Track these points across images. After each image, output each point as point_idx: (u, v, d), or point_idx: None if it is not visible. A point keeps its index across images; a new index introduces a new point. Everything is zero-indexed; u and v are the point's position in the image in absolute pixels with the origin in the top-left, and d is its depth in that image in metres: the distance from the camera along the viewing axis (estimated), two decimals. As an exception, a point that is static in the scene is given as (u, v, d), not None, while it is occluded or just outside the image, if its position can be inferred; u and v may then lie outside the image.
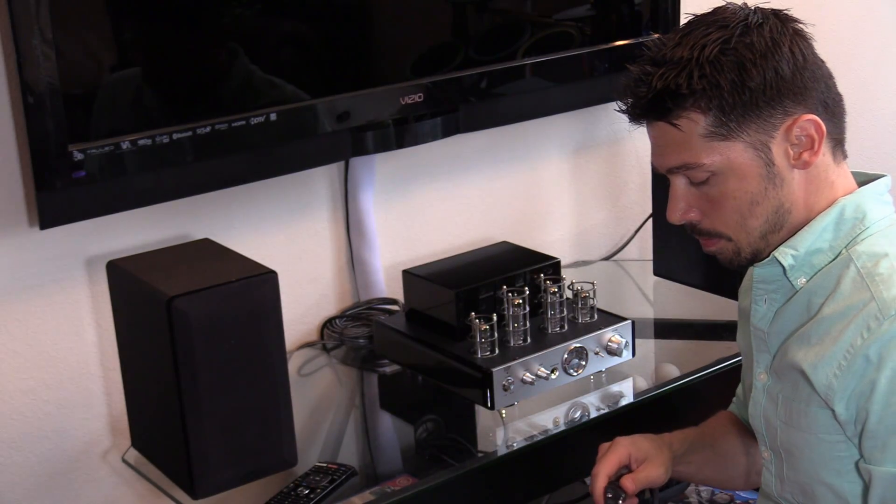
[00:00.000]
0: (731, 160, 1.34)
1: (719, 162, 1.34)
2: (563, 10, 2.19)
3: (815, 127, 1.34)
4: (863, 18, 2.77)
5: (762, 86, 1.31)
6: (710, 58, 1.31)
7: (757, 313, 1.45)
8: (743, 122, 1.32)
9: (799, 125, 1.33)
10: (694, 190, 1.38)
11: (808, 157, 1.35)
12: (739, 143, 1.33)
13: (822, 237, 1.37)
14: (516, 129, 2.23)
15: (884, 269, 1.32)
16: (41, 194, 1.62)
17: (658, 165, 1.40)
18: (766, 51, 1.31)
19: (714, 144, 1.33)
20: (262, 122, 1.78)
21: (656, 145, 1.39)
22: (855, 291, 1.32)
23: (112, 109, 1.68)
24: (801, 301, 1.39)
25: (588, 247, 2.45)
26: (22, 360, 1.78)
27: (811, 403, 1.37)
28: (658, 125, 1.36)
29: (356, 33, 1.94)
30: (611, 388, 1.82)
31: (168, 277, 1.51)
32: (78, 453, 1.85)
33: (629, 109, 1.37)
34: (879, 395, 1.28)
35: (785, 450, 1.44)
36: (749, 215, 1.36)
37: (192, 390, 1.46)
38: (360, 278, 2.11)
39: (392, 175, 2.13)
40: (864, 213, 1.37)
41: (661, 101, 1.33)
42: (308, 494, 1.55)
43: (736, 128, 1.32)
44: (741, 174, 1.34)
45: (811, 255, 1.38)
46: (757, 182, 1.35)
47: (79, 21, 1.63)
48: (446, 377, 1.77)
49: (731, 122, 1.32)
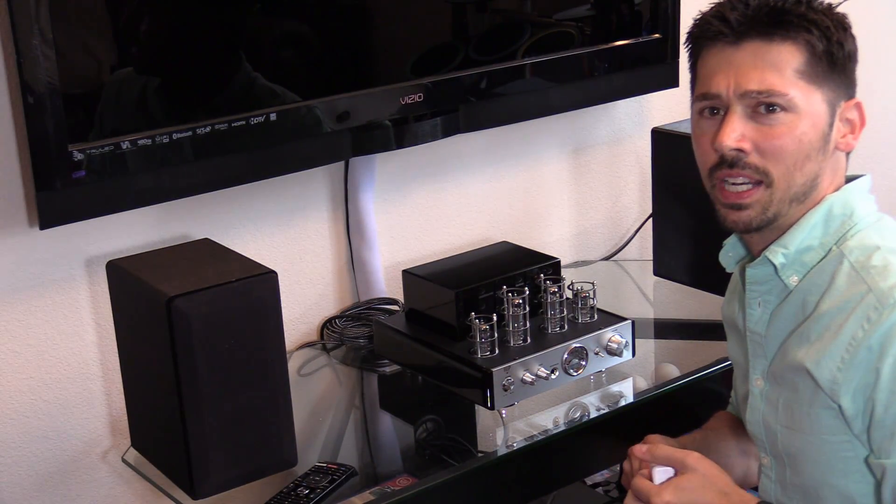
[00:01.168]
0: (809, 103, 1.35)
1: (801, 99, 1.35)
2: (563, 10, 2.19)
3: (860, 115, 1.40)
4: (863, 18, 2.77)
5: (850, 54, 1.37)
6: (828, 4, 1.37)
7: (752, 317, 1.45)
8: (827, 77, 1.36)
9: (853, 106, 1.39)
10: (752, 125, 1.36)
11: (850, 140, 1.39)
12: (819, 93, 1.36)
13: (811, 234, 1.38)
14: (516, 129, 2.23)
15: (877, 260, 1.33)
16: (41, 194, 1.62)
17: (733, 87, 1.36)
18: (852, 30, 1.39)
19: (801, 83, 1.35)
20: (262, 122, 1.78)
21: (741, 65, 1.36)
22: (851, 285, 1.33)
23: (112, 109, 1.68)
24: (795, 301, 1.40)
25: (588, 247, 2.45)
26: (22, 360, 1.78)
27: (814, 405, 1.36)
28: (754, 45, 1.35)
29: (356, 33, 1.94)
30: (611, 388, 1.82)
31: (168, 277, 1.51)
32: (78, 453, 1.85)
33: (732, 19, 1.35)
34: (884, 383, 1.29)
35: (787, 454, 1.44)
36: (799, 166, 1.36)
37: (192, 390, 1.46)
38: (360, 278, 2.11)
39: (392, 175, 2.13)
40: (851, 209, 1.39)
41: (780, 17, 1.34)
42: (308, 494, 1.55)
43: (822, 78, 1.35)
44: (812, 121, 1.35)
45: (802, 252, 1.38)
46: (818, 137, 1.36)
47: (79, 21, 1.63)
48: (446, 377, 1.77)
49: (820, 72, 1.35)
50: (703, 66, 1.40)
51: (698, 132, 1.42)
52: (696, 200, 2.06)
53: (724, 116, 1.37)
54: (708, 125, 1.39)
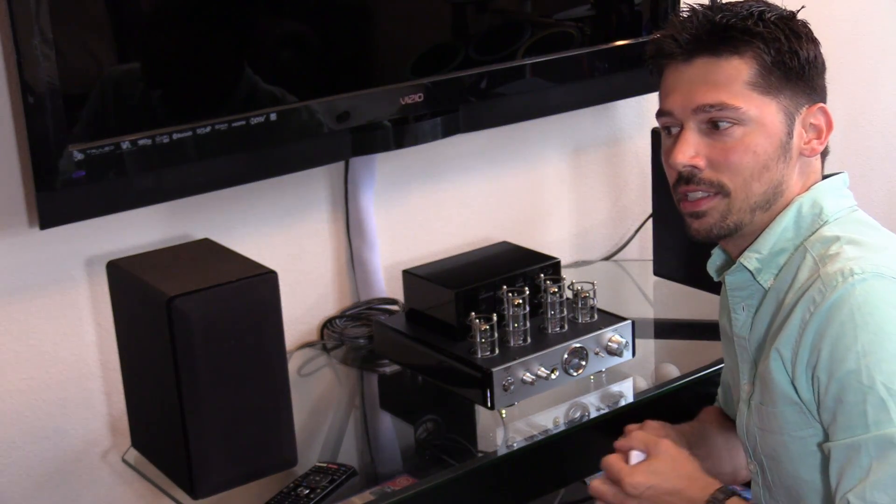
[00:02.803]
0: (763, 115, 1.37)
1: (753, 112, 1.36)
2: (563, 10, 2.19)
3: (826, 119, 1.40)
4: (863, 18, 2.77)
5: (807, 61, 1.38)
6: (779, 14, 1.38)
7: (737, 322, 1.47)
8: (783, 86, 1.37)
9: (816, 111, 1.39)
10: (706, 140, 1.39)
11: (815, 145, 1.40)
12: (774, 103, 1.37)
13: (783, 237, 1.40)
14: (516, 129, 2.23)
15: (833, 249, 1.35)
16: (41, 194, 1.62)
17: (684, 104, 1.39)
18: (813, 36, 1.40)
19: (753, 95, 1.36)
20: (262, 122, 1.78)
21: (692, 82, 1.39)
22: (809, 276, 1.35)
23: (112, 109, 1.68)
24: (770, 301, 1.42)
25: (588, 247, 2.45)
26: (22, 360, 1.78)
27: (778, 403, 1.38)
28: (703, 61, 1.38)
29: (356, 33, 1.94)
30: (611, 388, 1.82)
31: (168, 277, 1.51)
32: (78, 453, 1.85)
33: (681, 39, 1.38)
34: (823, 362, 1.30)
35: (766, 456, 1.46)
36: (756, 177, 1.38)
37: (192, 390, 1.46)
38: (360, 278, 2.11)
39: (392, 175, 2.13)
40: (820, 207, 1.40)
41: (723, 34, 1.37)
42: (308, 494, 1.55)
43: (776, 88, 1.37)
44: (766, 132, 1.37)
45: (775, 255, 1.40)
46: (775, 147, 1.38)
47: (79, 21, 1.63)
48: (446, 377, 1.77)
49: (773, 81, 1.37)
50: (662, 86, 1.44)
51: (663, 149, 1.46)
52: (696, 200, 2.06)
53: (679, 134, 1.41)
54: (668, 143, 1.44)
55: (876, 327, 1.26)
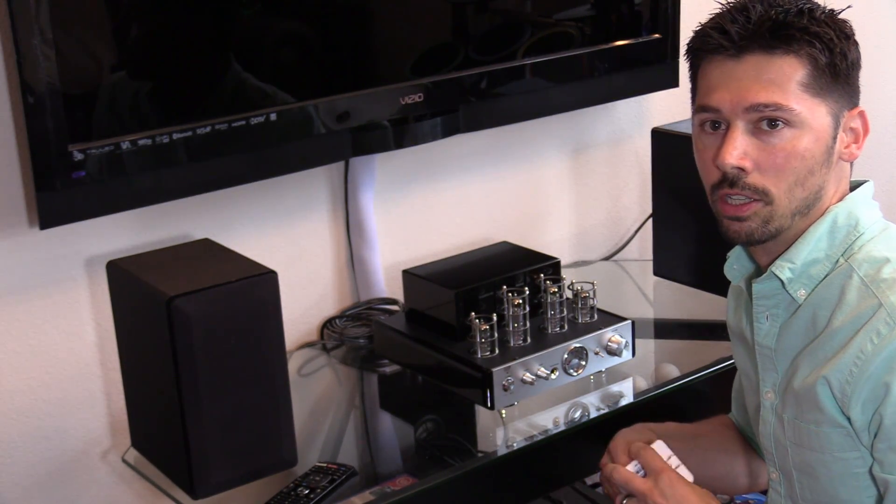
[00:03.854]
0: (814, 117, 1.32)
1: (805, 114, 1.32)
2: (563, 10, 2.19)
3: (863, 122, 1.37)
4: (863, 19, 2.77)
5: (853, 63, 1.34)
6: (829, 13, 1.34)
7: (760, 331, 1.44)
8: (831, 89, 1.33)
9: (856, 115, 1.36)
10: (754, 140, 1.33)
11: (854, 149, 1.37)
12: (824, 105, 1.33)
13: (817, 247, 1.36)
14: (516, 129, 2.23)
15: (887, 273, 1.31)
16: (41, 194, 1.62)
17: (734, 102, 1.33)
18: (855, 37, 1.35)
19: (805, 97, 1.31)
20: (261, 122, 1.78)
21: (743, 79, 1.32)
22: (862, 300, 1.31)
23: (112, 109, 1.68)
24: (805, 315, 1.38)
25: (588, 247, 2.45)
26: (22, 360, 1.78)
27: (822, 424, 1.36)
28: (756, 58, 1.32)
29: (356, 33, 1.94)
30: (611, 388, 1.82)
31: (168, 277, 1.51)
32: (78, 453, 1.85)
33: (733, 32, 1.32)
34: (893, 397, 1.28)
35: (799, 470, 1.43)
36: (801, 182, 1.33)
37: (192, 390, 1.46)
38: (360, 278, 2.10)
39: (392, 175, 2.13)
40: (856, 219, 1.37)
41: (781, 31, 1.31)
42: (308, 494, 1.55)
43: (826, 90, 1.32)
44: (816, 135, 1.33)
45: (808, 265, 1.37)
46: (822, 150, 1.33)
47: (79, 21, 1.63)
48: (446, 377, 1.77)
49: (824, 84, 1.32)
50: (704, 79, 1.37)
51: (700, 146, 1.39)
52: (696, 200, 2.05)
53: (727, 132, 1.34)
54: (710, 140, 1.36)
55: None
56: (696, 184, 1.46)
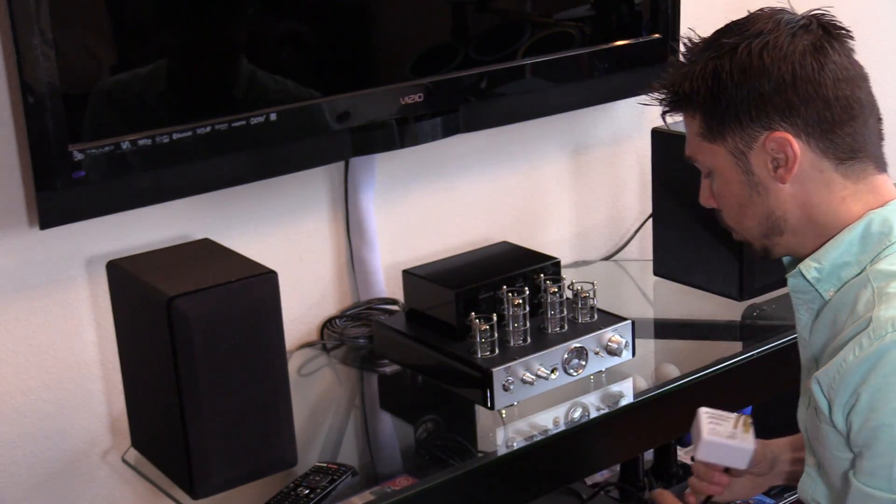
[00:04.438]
0: (715, 162, 1.42)
1: (709, 162, 1.44)
2: (563, 10, 2.19)
3: (786, 145, 1.36)
4: (863, 18, 2.77)
5: (737, 99, 1.36)
6: (704, 67, 1.38)
7: (800, 322, 1.47)
8: (724, 130, 1.39)
9: (771, 141, 1.36)
10: (709, 182, 1.47)
11: (782, 173, 1.37)
12: (722, 147, 1.40)
13: (848, 251, 1.37)
14: (516, 129, 2.23)
15: (893, 288, 1.32)
16: (41, 194, 1.62)
17: None
18: (753, 67, 1.35)
19: (704, 145, 1.42)
20: (262, 122, 1.78)
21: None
22: (866, 311, 1.32)
23: (112, 109, 1.68)
24: (828, 316, 1.40)
25: (588, 247, 2.45)
26: (22, 360, 1.78)
27: (822, 421, 1.38)
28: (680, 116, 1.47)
29: (356, 33, 1.94)
30: (611, 388, 1.82)
31: (168, 277, 1.51)
32: (78, 453, 1.85)
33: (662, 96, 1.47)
34: (861, 408, 1.30)
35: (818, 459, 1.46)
36: (742, 216, 1.44)
37: (192, 390, 1.46)
38: (360, 278, 2.10)
39: (392, 175, 2.13)
40: (890, 227, 1.36)
41: (672, 97, 1.44)
42: (308, 494, 1.55)
43: (718, 133, 1.40)
44: (724, 178, 1.42)
45: (839, 268, 1.38)
46: (739, 187, 1.41)
47: (79, 21, 1.63)
48: (446, 377, 1.77)
49: (714, 128, 1.40)
50: None
51: None
52: (695, 200, 2.05)
53: None
54: None
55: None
56: (696, 183, 1.48)
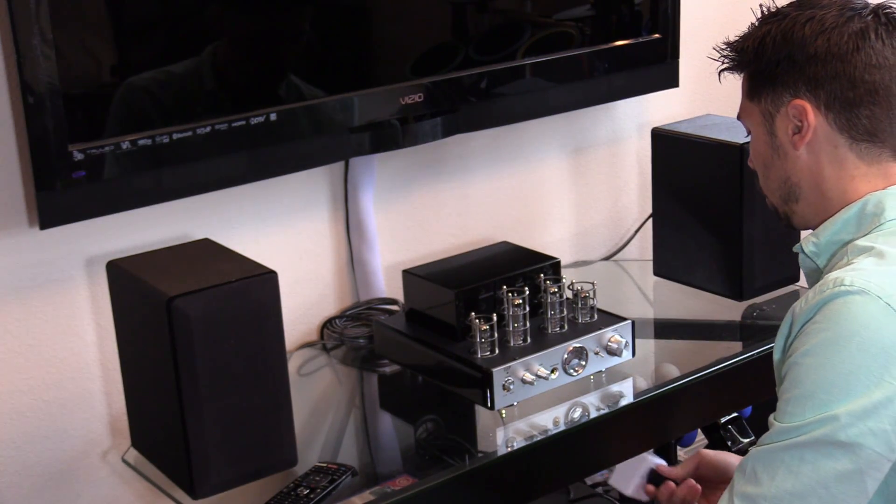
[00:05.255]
0: (752, 122, 1.50)
1: (747, 121, 1.51)
2: (563, 10, 2.19)
3: (805, 113, 1.42)
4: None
5: (773, 62, 1.43)
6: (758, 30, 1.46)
7: None
8: (760, 90, 1.47)
9: (793, 107, 1.43)
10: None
11: (797, 139, 1.44)
12: (756, 108, 1.48)
13: (844, 228, 1.42)
14: (516, 129, 2.23)
15: (854, 258, 1.35)
16: (41, 194, 1.62)
17: None
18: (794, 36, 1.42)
19: (746, 103, 1.50)
20: (262, 122, 1.78)
21: None
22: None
23: (112, 109, 1.68)
24: None
25: (588, 247, 2.45)
26: (22, 360, 1.78)
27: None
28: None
29: (356, 33, 1.94)
30: (611, 388, 1.82)
31: (168, 277, 1.51)
32: (78, 453, 1.85)
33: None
34: (793, 355, 1.32)
35: None
36: (766, 178, 1.51)
37: (192, 390, 1.46)
38: (360, 278, 2.10)
39: (392, 175, 2.13)
40: (883, 208, 1.39)
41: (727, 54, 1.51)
42: (308, 494, 1.55)
43: (755, 94, 1.47)
44: (755, 137, 1.50)
45: (834, 244, 1.42)
46: (764, 148, 1.49)
47: (79, 21, 1.63)
48: (446, 377, 1.77)
49: (754, 87, 1.48)
50: None
51: None
52: (696, 200, 2.06)
53: None
54: None
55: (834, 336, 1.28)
56: (697, 183, 1.48)
